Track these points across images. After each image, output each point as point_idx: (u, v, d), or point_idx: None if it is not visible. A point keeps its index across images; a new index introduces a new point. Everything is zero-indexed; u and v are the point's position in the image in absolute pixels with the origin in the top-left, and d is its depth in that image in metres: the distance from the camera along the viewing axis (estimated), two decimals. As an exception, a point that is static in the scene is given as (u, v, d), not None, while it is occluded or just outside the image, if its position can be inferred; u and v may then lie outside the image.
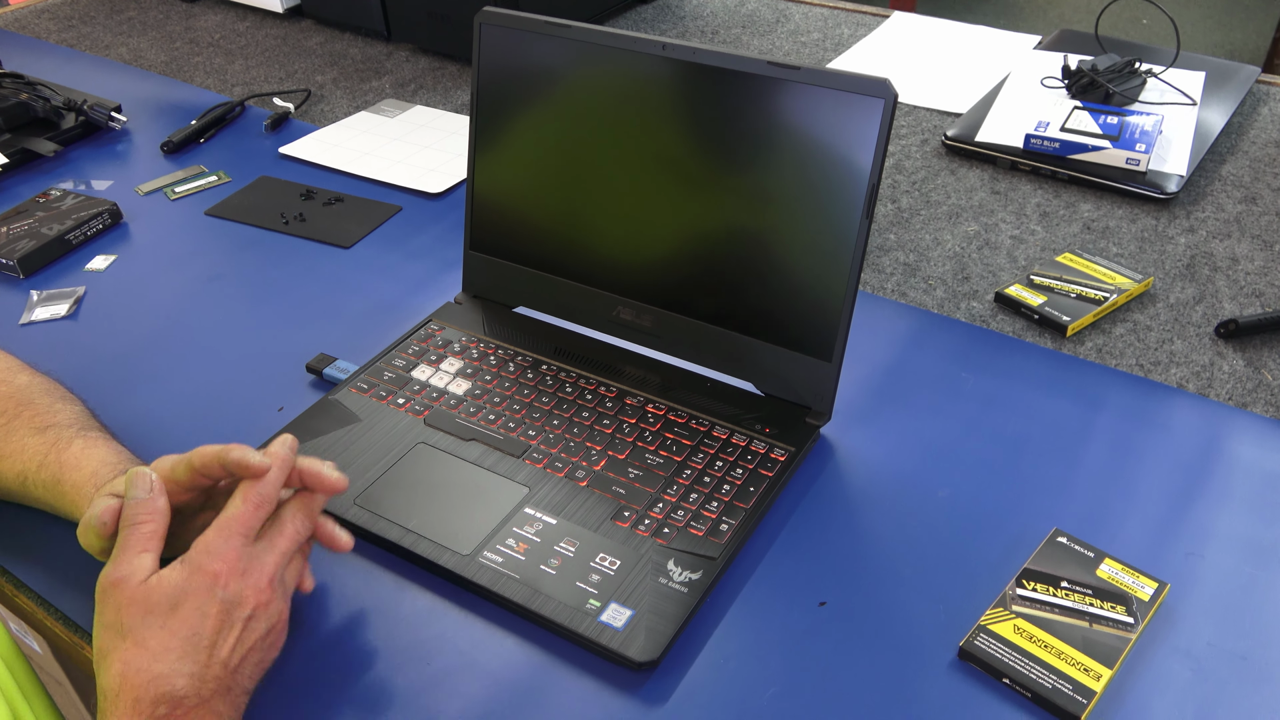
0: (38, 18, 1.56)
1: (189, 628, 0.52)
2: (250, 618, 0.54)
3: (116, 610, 0.52)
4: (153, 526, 0.54)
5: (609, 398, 0.74)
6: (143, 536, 0.54)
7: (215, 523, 0.55)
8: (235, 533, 0.54)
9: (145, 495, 0.55)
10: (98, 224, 0.99)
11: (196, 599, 0.52)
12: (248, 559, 0.54)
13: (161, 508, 0.55)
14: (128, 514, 0.54)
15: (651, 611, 0.59)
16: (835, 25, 1.40)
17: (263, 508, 0.56)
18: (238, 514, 0.55)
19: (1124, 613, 0.59)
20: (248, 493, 0.55)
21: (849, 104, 0.65)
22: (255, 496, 0.55)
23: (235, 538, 0.54)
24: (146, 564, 0.53)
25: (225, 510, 0.55)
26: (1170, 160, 1.01)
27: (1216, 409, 0.75)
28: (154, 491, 0.55)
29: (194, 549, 0.53)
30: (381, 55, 1.38)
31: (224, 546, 0.54)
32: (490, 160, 0.81)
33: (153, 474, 0.56)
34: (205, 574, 0.53)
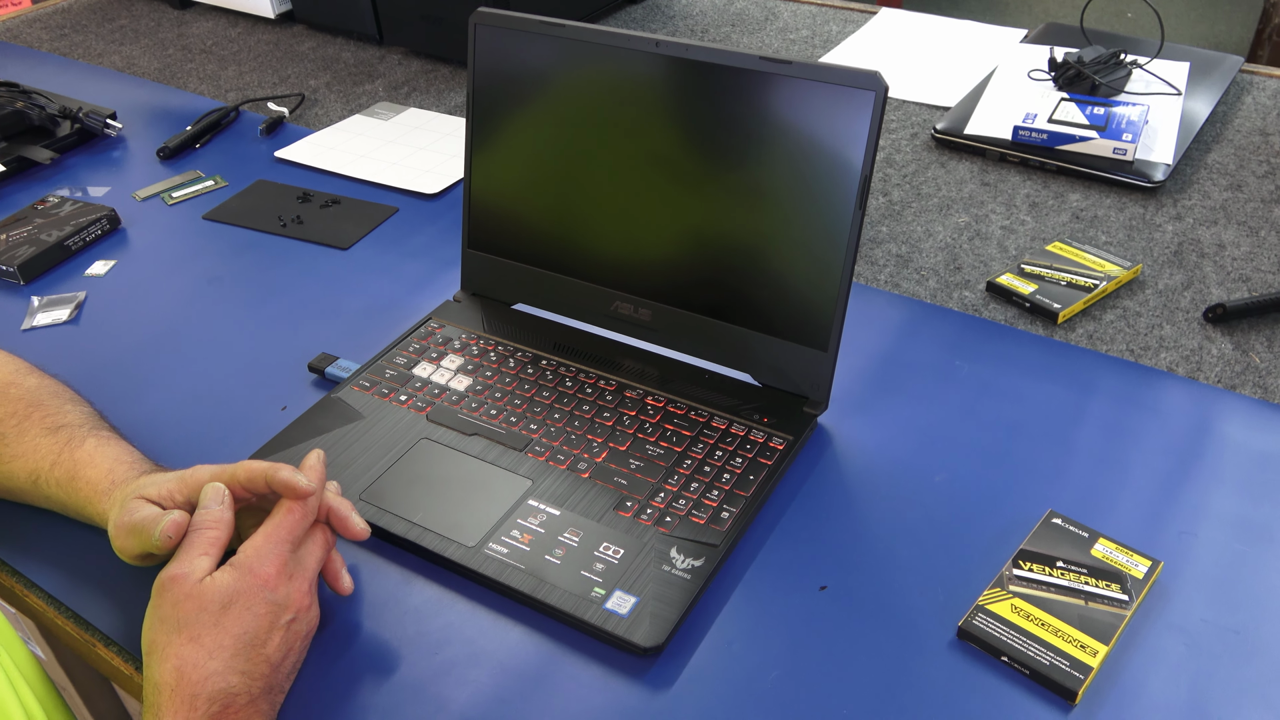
0: (29, 26, 1.57)
1: (240, 626, 0.54)
2: (293, 620, 0.57)
3: (173, 605, 0.54)
4: (217, 534, 0.57)
5: (609, 391, 0.75)
6: (206, 540, 0.57)
7: (264, 530, 0.58)
8: (283, 540, 0.58)
9: (216, 507, 0.58)
10: (96, 230, 1.00)
11: (247, 599, 0.55)
12: (293, 565, 0.58)
13: (228, 520, 0.58)
14: (196, 520, 0.58)
15: (655, 598, 0.60)
16: (823, 22, 1.41)
17: (306, 519, 0.60)
18: (285, 523, 0.58)
19: (1119, 590, 0.60)
20: (293, 504, 0.59)
21: (840, 97, 0.66)
22: (300, 508, 0.59)
23: (283, 544, 0.58)
24: (205, 565, 0.55)
25: (272, 518, 0.59)
26: (1157, 149, 1.03)
27: (1206, 391, 0.76)
28: (224, 505, 0.59)
29: (243, 554, 0.57)
30: (374, 59, 1.39)
31: (272, 552, 0.57)
32: (487, 159, 0.82)
33: (225, 489, 0.59)
34: (256, 577, 0.56)
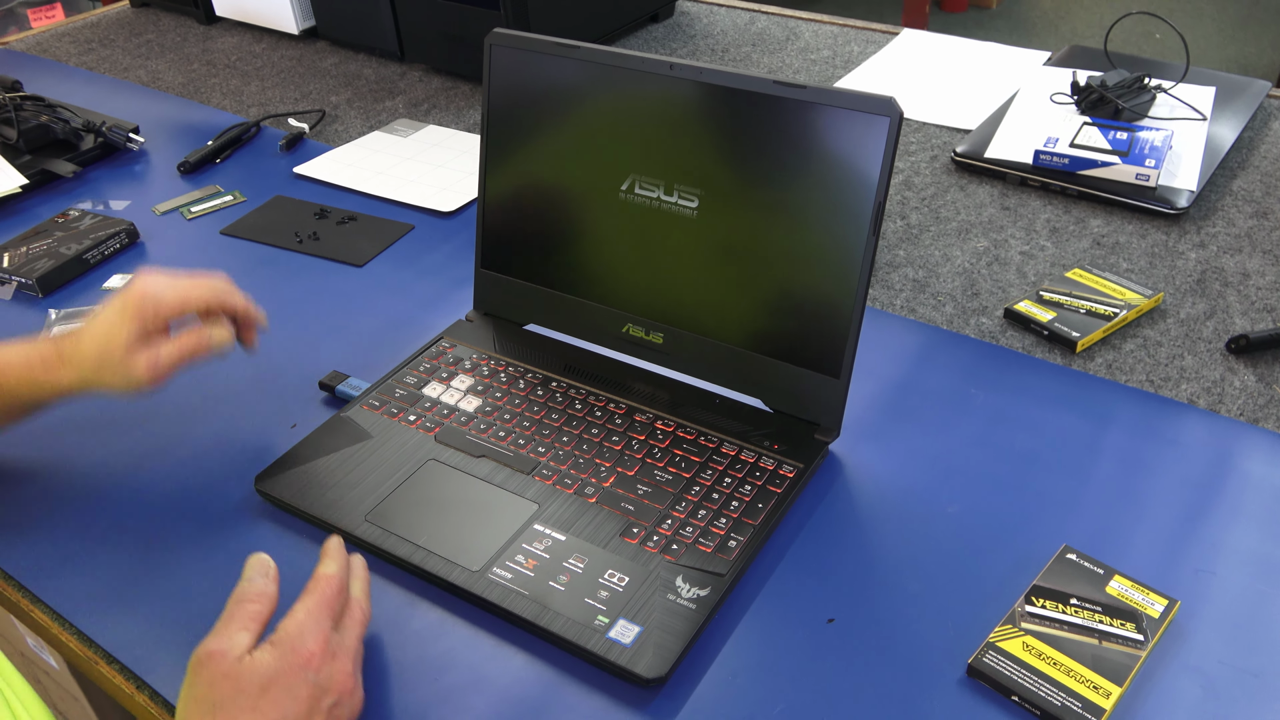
0: (58, 41, 1.59)
1: (279, 710, 0.51)
2: (335, 704, 0.54)
3: (209, 685, 0.51)
4: (259, 609, 0.55)
5: (618, 414, 0.75)
6: (247, 615, 0.54)
7: (303, 606, 0.55)
8: (325, 616, 0.55)
9: (260, 580, 0.56)
10: (115, 244, 1.01)
11: (287, 680, 0.52)
12: (335, 643, 0.55)
13: (272, 594, 0.56)
14: (240, 593, 0.55)
15: (659, 628, 0.60)
16: (845, 43, 1.41)
17: (343, 591, 0.58)
18: (324, 599, 0.56)
19: (1134, 630, 0.58)
20: (329, 579, 0.57)
21: (855, 122, 0.66)
22: (336, 580, 0.57)
23: (325, 621, 0.55)
24: (244, 642, 0.53)
25: (309, 594, 0.56)
26: (1180, 175, 1.01)
27: (1227, 425, 0.74)
28: (268, 578, 0.56)
29: (284, 631, 0.54)
30: (395, 75, 1.40)
31: (315, 629, 0.54)
32: (501, 179, 0.81)
33: (271, 563, 0.57)
34: (298, 656, 0.53)
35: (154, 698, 0.60)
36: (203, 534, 0.70)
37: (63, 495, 0.74)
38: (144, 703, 0.60)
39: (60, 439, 0.79)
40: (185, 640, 0.63)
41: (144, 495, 0.74)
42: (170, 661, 0.62)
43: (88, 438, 0.79)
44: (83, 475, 0.76)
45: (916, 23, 3.51)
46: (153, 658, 0.62)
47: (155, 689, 0.60)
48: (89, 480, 0.75)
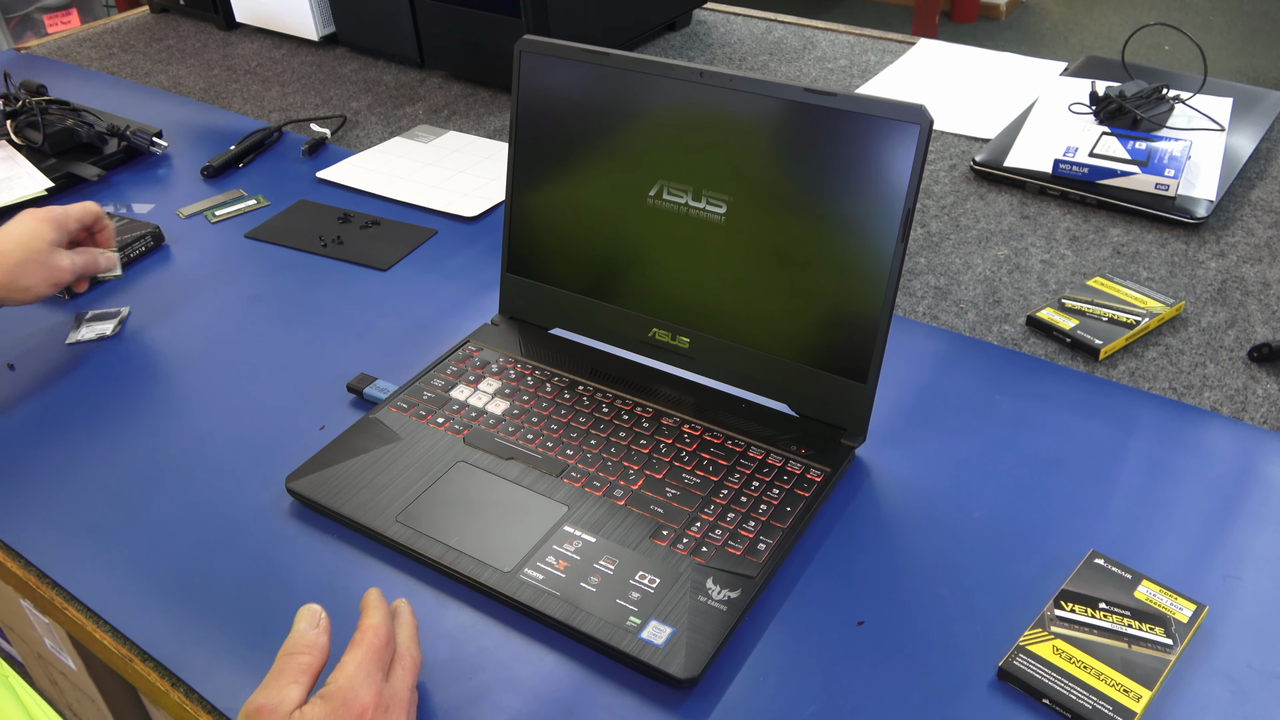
0: (79, 46, 1.60)
1: None
2: None
3: None
4: (309, 660, 0.54)
5: (645, 418, 0.75)
6: (297, 668, 0.53)
7: (352, 658, 0.54)
8: (375, 667, 0.54)
9: (311, 631, 0.55)
10: (141, 246, 1.02)
11: None
12: (388, 695, 0.54)
13: (323, 646, 0.55)
14: (290, 644, 0.54)
15: (691, 629, 0.60)
16: (862, 52, 1.41)
17: (390, 641, 0.56)
18: (373, 649, 0.55)
19: (1162, 634, 0.59)
20: (375, 629, 0.56)
21: (885, 129, 0.66)
22: (383, 629, 0.56)
23: (375, 672, 0.54)
24: (294, 696, 0.52)
25: (357, 646, 0.55)
26: (1199, 185, 1.02)
27: (1251, 432, 0.75)
28: (319, 629, 0.55)
29: (335, 685, 0.53)
30: (415, 82, 1.41)
31: (367, 681, 0.53)
32: (529, 185, 0.82)
33: (322, 613, 0.56)
34: (350, 710, 0.52)
35: (189, 694, 0.61)
36: (233, 533, 0.71)
37: (95, 494, 0.75)
38: (179, 700, 0.61)
39: (91, 437, 0.80)
40: (217, 637, 0.63)
41: (175, 494, 0.74)
42: (203, 658, 0.62)
43: (117, 437, 0.80)
44: (114, 474, 0.76)
45: (926, 33, 3.52)
46: (186, 654, 0.63)
47: (191, 685, 0.61)
48: (120, 480, 0.76)
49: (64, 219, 0.87)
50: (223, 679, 0.61)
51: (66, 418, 0.82)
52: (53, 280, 0.84)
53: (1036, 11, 4.04)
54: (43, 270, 0.83)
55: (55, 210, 0.86)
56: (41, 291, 0.84)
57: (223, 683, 0.61)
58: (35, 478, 0.77)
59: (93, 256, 0.89)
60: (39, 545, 0.71)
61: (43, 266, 0.83)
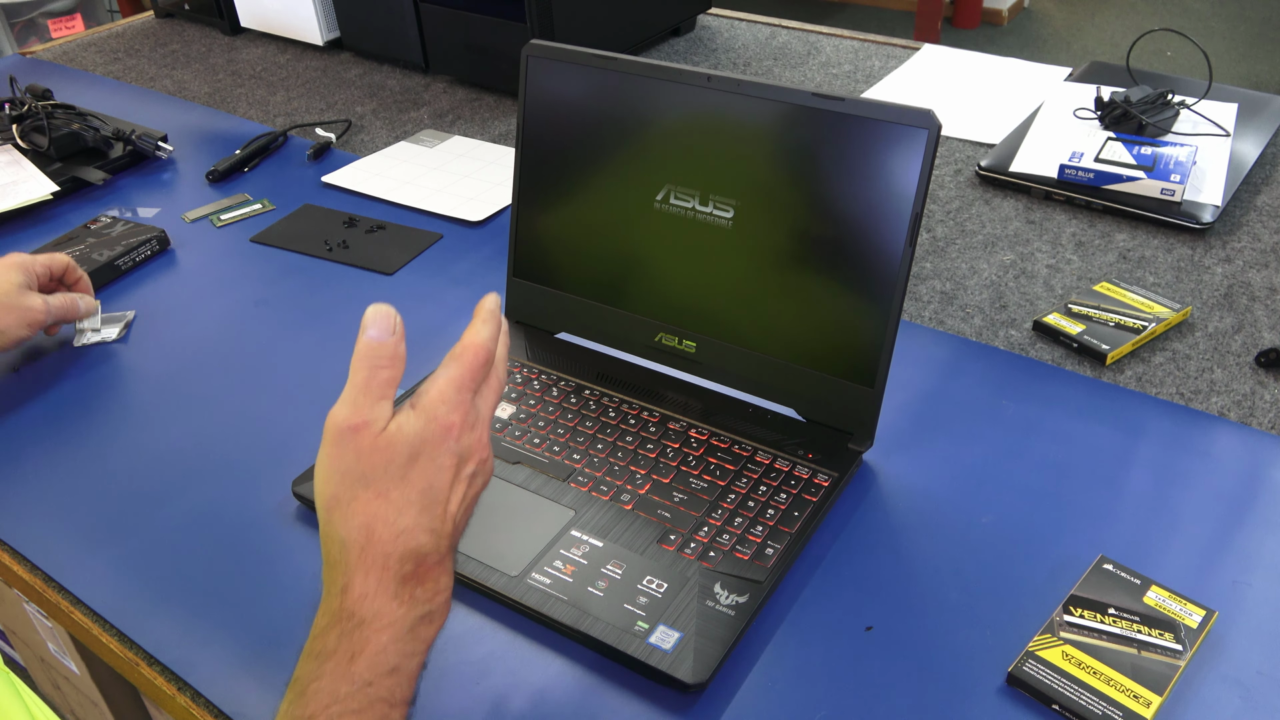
0: (84, 50, 1.60)
1: (426, 480, 0.50)
2: (474, 474, 0.53)
3: (357, 457, 0.49)
4: (393, 374, 0.51)
5: (652, 423, 0.75)
6: (382, 382, 0.50)
7: (445, 374, 0.52)
8: (466, 386, 0.52)
9: (389, 338, 0.51)
10: (146, 250, 1.02)
11: (432, 450, 0.50)
12: (474, 413, 0.53)
13: (403, 355, 0.51)
14: (370, 353, 0.50)
15: (699, 634, 0.60)
16: (866, 57, 1.41)
17: (489, 362, 0.54)
18: (470, 369, 0.52)
19: (1172, 640, 0.59)
20: (478, 349, 0.53)
21: (893, 134, 0.66)
22: (483, 352, 0.53)
23: (466, 391, 0.52)
24: (385, 411, 0.50)
25: (456, 361, 0.52)
26: (1205, 191, 1.02)
27: (1259, 437, 0.75)
28: (396, 335, 0.51)
29: (427, 398, 0.51)
30: (419, 86, 1.41)
31: (457, 399, 0.51)
32: (535, 189, 0.82)
33: (397, 316, 0.52)
34: (441, 425, 0.50)
35: (195, 698, 0.61)
36: (239, 536, 0.71)
37: (100, 497, 0.75)
38: (185, 704, 0.61)
39: (96, 440, 0.80)
40: (223, 640, 0.63)
41: (180, 498, 0.74)
42: (209, 661, 0.62)
43: (123, 440, 0.80)
44: (119, 478, 0.76)
45: (929, 38, 3.53)
46: (192, 658, 0.63)
47: (197, 689, 0.61)
48: (126, 483, 0.76)
49: (30, 263, 0.87)
50: (228, 683, 0.61)
51: (72, 421, 0.82)
52: (27, 321, 0.85)
53: (1038, 17, 4.05)
54: (15, 312, 0.84)
55: (21, 255, 0.88)
56: (18, 334, 0.84)
57: (229, 686, 0.61)
58: (40, 481, 0.77)
59: (72, 300, 0.89)
60: (45, 549, 0.71)
61: (13, 309, 0.84)
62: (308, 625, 0.63)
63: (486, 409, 0.54)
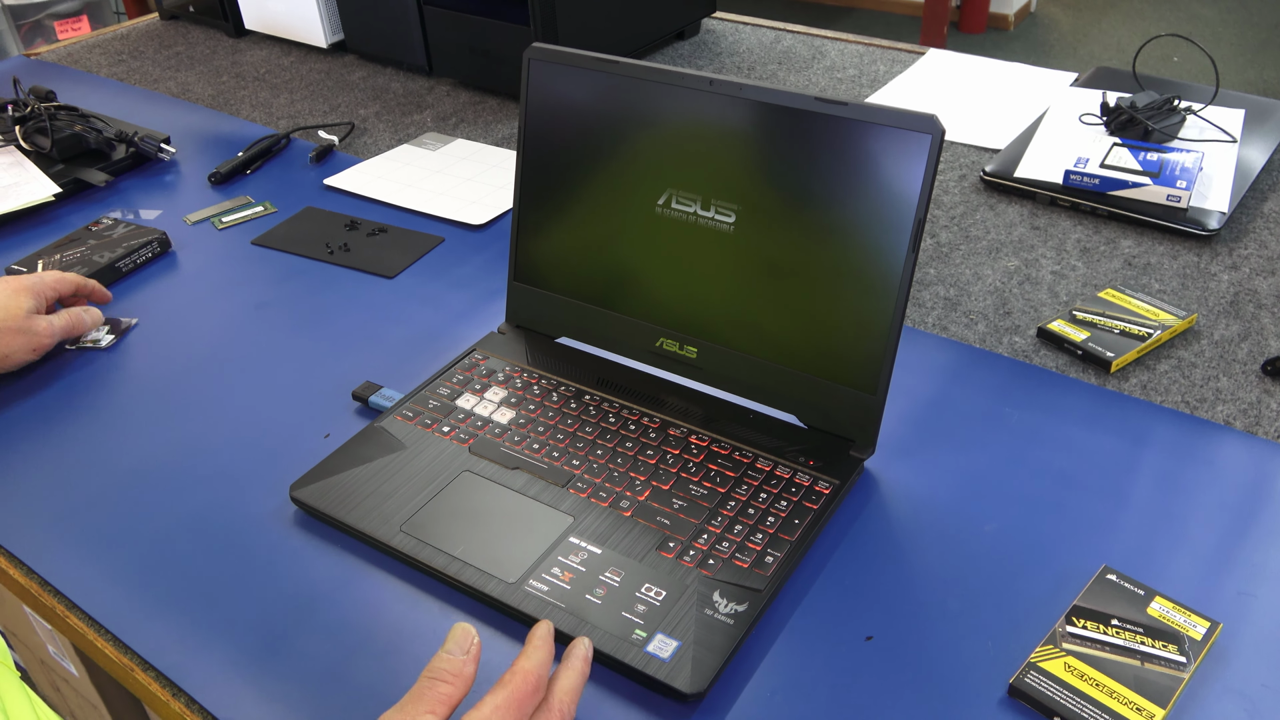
0: (89, 52, 1.60)
1: None
2: None
3: None
4: (450, 691, 0.51)
5: (652, 429, 0.75)
6: (437, 696, 0.51)
7: (494, 700, 0.51)
8: (511, 716, 0.51)
9: (460, 657, 0.53)
10: (147, 252, 1.01)
11: None
12: None
13: (469, 675, 0.52)
14: (436, 667, 0.52)
15: (698, 643, 0.59)
16: (871, 62, 1.41)
17: (539, 691, 0.53)
18: (516, 696, 0.52)
19: (1176, 652, 0.58)
20: (526, 675, 0.53)
21: (897, 139, 0.66)
22: (534, 679, 0.53)
23: (509, 717, 0.51)
24: None
25: (502, 688, 0.52)
26: (1211, 197, 1.01)
27: (1265, 446, 0.74)
28: (469, 655, 0.53)
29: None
30: (423, 89, 1.41)
31: None
32: (536, 192, 0.82)
33: (476, 637, 0.54)
34: None
35: (190, 704, 0.60)
36: (237, 541, 0.70)
37: (97, 500, 0.74)
38: (180, 709, 0.60)
39: (95, 443, 0.80)
40: (219, 646, 0.63)
41: (179, 502, 0.74)
42: (204, 668, 0.62)
43: (122, 443, 0.79)
44: (117, 481, 0.76)
45: (934, 43, 3.52)
46: (187, 664, 0.62)
47: (191, 695, 0.60)
48: (123, 486, 0.75)
49: (40, 288, 0.88)
50: (223, 689, 0.61)
51: (70, 424, 0.82)
52: (32, 346, 0.86)
53: (1044, 22, 4.04)
54: (22, 337, 0.85)
55: (31, 279, 0.88)
56: (22, 358, 0.86)
57: (223, 693, 0.60)
58: (37, 483, 0.76)
59: (77, 316, 0.90)
60: (41, 552, 0.71)
61: (21, 333, 0.85)
62: (303, 632, 0.63)
63: None
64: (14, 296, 0.86)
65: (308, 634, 0.63)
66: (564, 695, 0.54)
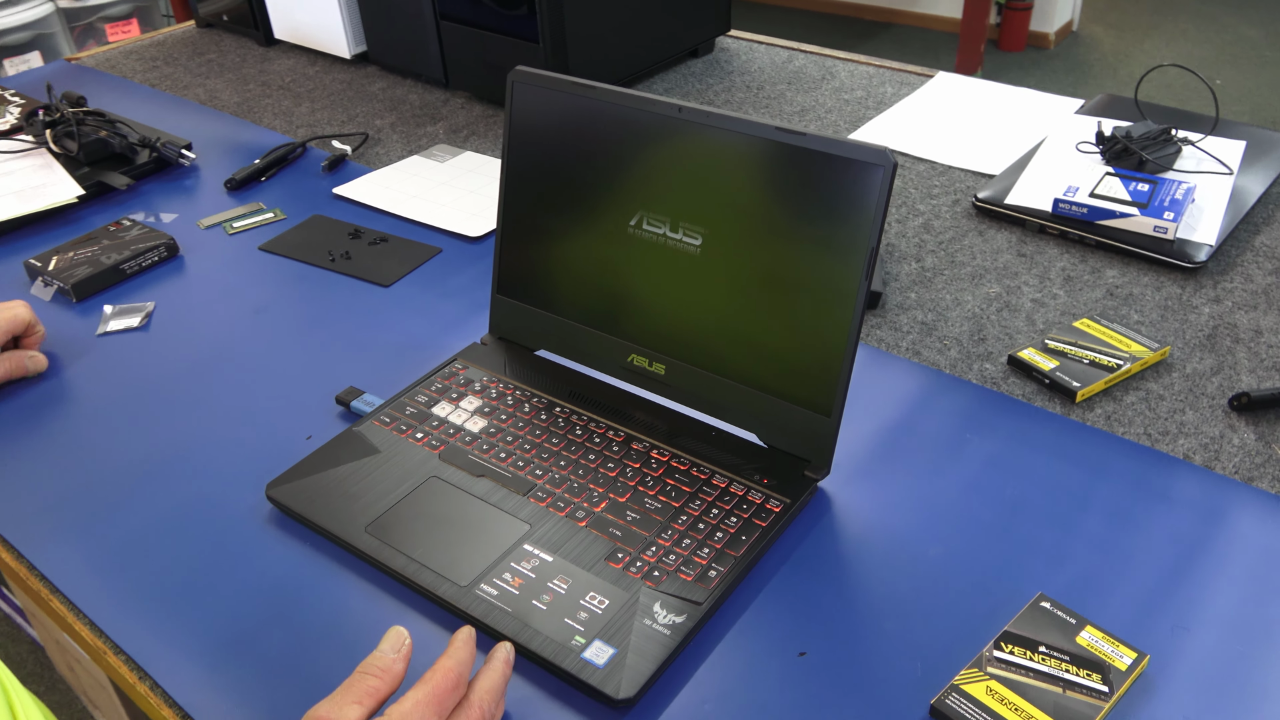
0: (126, 58, 1.66)
1: None
2: None
3: None
4: (378, 684, 0.54)
5: (616, 441, 0.77)
6: (364, 689, 0.54)
7: (413, 695, 0.54)
8: (430, 709, 0.54)
9: (390, 655, 0.56)
10: (154, 256, 1.06)
11: None
12: None
13: (397, 673, 0.56)
14: (368, 663, 0.56)
15: (634, 651, 0.62)
16: (879, 84, 1.42)
17: (460, 688, 0.56)
18: (436, 692, 0.54)
19: (1099, 681, 0.59)
20: (446, 671, 0.55)
21: (851, 170, 0.68)
22: (454, 675, 0.56)
23: (429, 715, 0.54)
24: (351, 716, 0.53)
25: (423, 684, 0.55)
26: (1200, 229, 1.01)
27: (1220, 482, 0.74)
28: (399, 654, 0.56)
29: (388, 716, 0.53)
30: (439, 102, 1.45)
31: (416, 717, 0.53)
32: (518, 209, 0.85)
33: (408, 639, 0.57)
34: None
35: (154, 688, 0.64)
36: (214, 535, 0.74)
37: (84, 491, 0.78)
38: (145, 693, 0.64)
39: (81, 434, 0.84)
40: (187, 636, 0.66)
41: (161, 495, 0.77)
42: (171, 655, 0.65)
43: (110, 434, 0.83)
44: (104, 473, 0.80)
45: (971, 61, 3.51)
46: (156, 650, 0.66)
47: (155, 680, 0.64)
48: (107, 477, 0.79)
49: None
50: (187, 676, 0.64)
51: (64, 416, 0.86)
52: None
53: (1087, 42, 4.01)
54: None
55: None
56: None
57: (186, 679, 0.64)
58: (31, 472, 0.80)
59: (19, 361, 0.91)
60: (31, 538, 0.74)
61: None
62: (269, 627, 0.66)
63: None
64: None
65: (272, 628, 0.66)
66: (484, 694, 0.57)
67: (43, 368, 0.92)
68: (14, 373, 0.91)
